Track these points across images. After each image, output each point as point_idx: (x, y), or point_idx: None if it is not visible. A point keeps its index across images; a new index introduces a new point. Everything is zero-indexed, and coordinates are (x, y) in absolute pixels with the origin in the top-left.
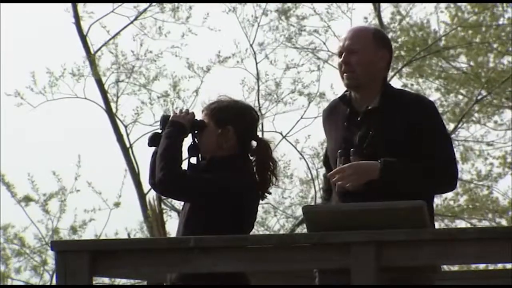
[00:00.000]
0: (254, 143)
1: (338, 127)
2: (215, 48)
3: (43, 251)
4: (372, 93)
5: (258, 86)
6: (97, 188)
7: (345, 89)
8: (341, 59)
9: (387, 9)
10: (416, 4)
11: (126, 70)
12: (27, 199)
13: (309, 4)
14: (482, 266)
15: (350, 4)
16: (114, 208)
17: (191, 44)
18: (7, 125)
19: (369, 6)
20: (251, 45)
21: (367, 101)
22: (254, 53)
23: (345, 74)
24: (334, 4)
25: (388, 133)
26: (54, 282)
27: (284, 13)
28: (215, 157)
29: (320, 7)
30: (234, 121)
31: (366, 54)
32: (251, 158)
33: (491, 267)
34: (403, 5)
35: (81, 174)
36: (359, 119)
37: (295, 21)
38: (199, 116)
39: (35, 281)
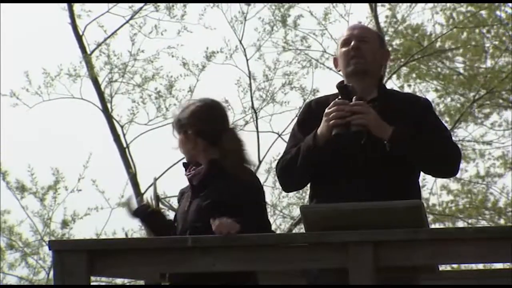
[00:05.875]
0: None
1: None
2: (206, 46)
3: (37, 245)
4: (370, 87)
5: (251, 84)
6: (95, 186)
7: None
8: (350, 45)
9: (382, 13)
10: (413, 6)
11: (120, 70)
12: (23, 189)
13: (305, 6)
14: (481, 266)
15: (348, 7)
16: (116, 207)
17: (186, 42)
18: (5, 124)
19: (367, 9)
20: (240, 42)
21: (364, 95)
22: (244, 50)
23: (353, 59)
24: (332, 7)
25: (389, 123)
26: (51, 280)
27: (282, 21)
28: (212, 163)
29: (316, 9)
30: (190, 124)
31: (375, 46)
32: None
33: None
34: (400, 9)
35: (79, 172)
36: None
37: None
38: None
39: (30, 277)
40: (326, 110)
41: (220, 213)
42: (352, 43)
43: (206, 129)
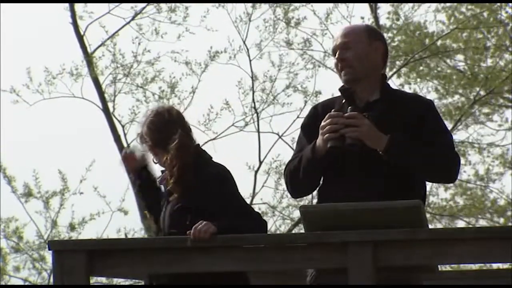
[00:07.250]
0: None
1: None
2: (209, 46)
3: (41, 248)
4: (371, 87)
5: (253, 85)
6: (94, 186)
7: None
8: (336, 56)
9: (384, 8)
10: (416, 6)
11: (124, 70)
12: (28, 195)
13: (309, 6)
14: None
15: (349, 8)
16: (116, 211)
17: (188, 43)
18: (5, 122)
19: (367, 10)
20: (244, 42)
21: (367, 96)
22: (247, 50)
23: (342, 70)
24: (335, 9)
25: (391, 126)
26: (51, 281)
27: (286, 19)
28: (181, 170)
29: (319, 8)
30: (147, 136)
31: (360, 48)
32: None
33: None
34: (403, 8)
35: (78, 173)
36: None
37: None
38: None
39: (33, 279)
40: (322, 123)
41: (194, 215)
42: (337, 54)
43: (158, 138)
